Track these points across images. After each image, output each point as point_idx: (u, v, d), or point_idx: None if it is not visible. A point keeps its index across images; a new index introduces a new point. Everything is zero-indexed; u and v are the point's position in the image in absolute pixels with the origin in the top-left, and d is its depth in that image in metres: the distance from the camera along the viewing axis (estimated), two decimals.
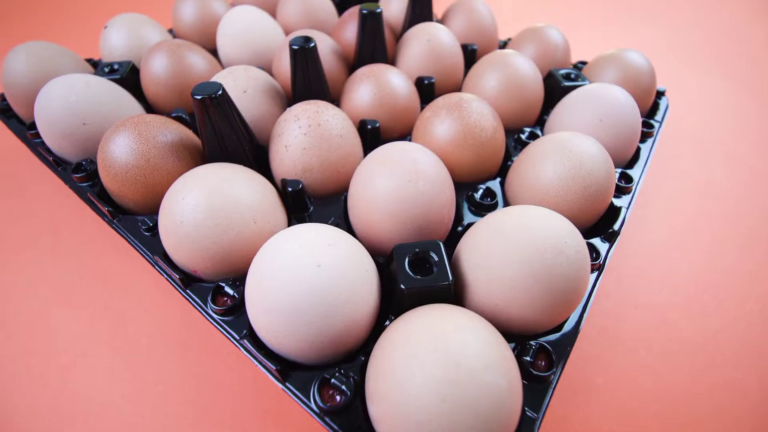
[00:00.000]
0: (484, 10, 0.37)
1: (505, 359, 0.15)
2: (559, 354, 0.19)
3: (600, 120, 0.26)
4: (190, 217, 0.19)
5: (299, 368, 0.18)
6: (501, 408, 0.14)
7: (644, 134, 0.30)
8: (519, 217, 0.18)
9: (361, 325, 0.18)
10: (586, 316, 0.21)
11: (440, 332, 0.15)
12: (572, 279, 0.17)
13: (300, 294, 0.16)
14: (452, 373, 0.14)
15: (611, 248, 0.23)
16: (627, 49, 0.32)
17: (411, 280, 0.18)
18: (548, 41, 0.34)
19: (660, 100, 0.34)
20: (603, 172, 0.22)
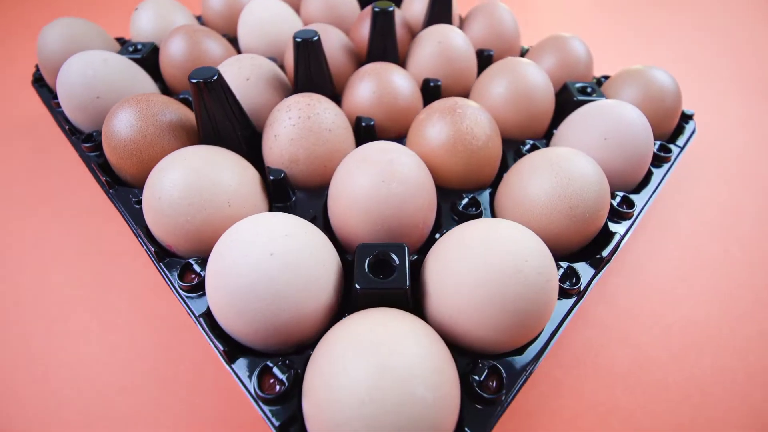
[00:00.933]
0: (507, 16, 0.36)
1: (439, 373, 0.14)
2: (513, 377, 0.18)
3: (605, 138, 0.25)
4: (167, 193, 0.20)
5: (248, 353, 0.18)
6: (422, 421, 0.13)
7: (659, 158, 0.28)
8: (484, 231, 0.18)
9: (312, 319, 0.18)
10: (554, 342, 0.20)
11: (378, 336, 0.15)
12: (530, 300, 0.16)
13: (248, 279, 0.16)
14: (378, 378, 0.13)
15: (597, 275, 0.22)
16: (652, 67, 0.30)
17: (367, 280, 0.18)
18: (569, 52, 0.33)
19: (686, 124, 0.31)
20: (593, 193, 0.21)
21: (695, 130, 0.32)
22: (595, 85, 0.30)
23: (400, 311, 0.17)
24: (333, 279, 0.19)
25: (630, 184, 0.26)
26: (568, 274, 0.21)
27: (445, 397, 0.14)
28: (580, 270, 0.22)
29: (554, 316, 0.20)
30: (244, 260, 0.16)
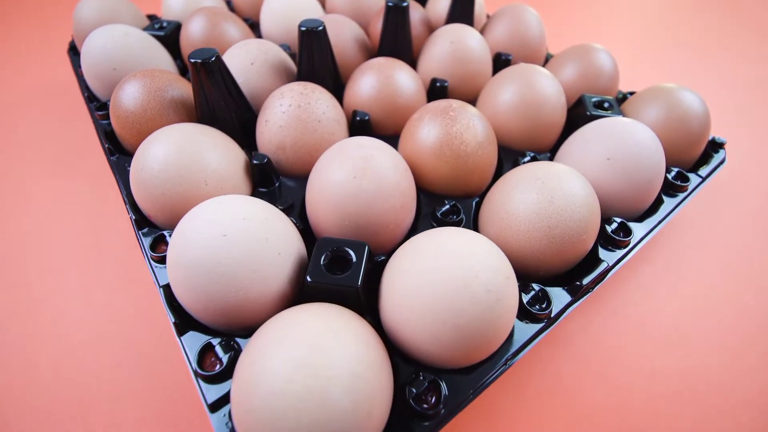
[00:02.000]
0: (533, 20, 0.34)
1: (361, 378, 0.14)
2: (455, 396, 0.17)
3: (608, 158, 0.23)
4: (148, 165, 0.21)
5: (199, 328, 0.19)
6: (332, 422, 0.13)
7: (673, 186, 0.26)
8: (442, 240, 0.17)
9: (260, 305, 0.18)
10: (511, 364, 0.19)
11: (308, 331, 0.15)
12: (475, 317, 0.16)
13: (199, 258, 0.17)
14: (293, 371, 0.13)
15: (574, 303, 0.21)
16: (681, 87, 0.27)
17: (319, 274, 0.18)
18: (592, 63, 0.31)
19: (714, 153, 0.29)
20: (577, 215, 0.20)
21: (725, 160, 0.29)
22: (614, 100, 0.28)
23: (344, 310, 0.17)
24: (289, 268, 0.19)
25: (633, 211, 0.24)
26: (539, 297, 0.20)
27: (365, 402, 0.14)
28: (555, 295, 0.20)
29: (516, 339, 0.19)
30: (198, 238, 0.17)
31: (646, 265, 0.28)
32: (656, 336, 0.24)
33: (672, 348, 0.24)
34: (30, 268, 0.27)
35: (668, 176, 0.26)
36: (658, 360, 0.23)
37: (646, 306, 0.26)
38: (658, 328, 0.25)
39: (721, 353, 0.23)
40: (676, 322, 0.25)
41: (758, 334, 0.24)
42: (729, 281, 0.27)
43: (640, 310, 0.25)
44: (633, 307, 0.26)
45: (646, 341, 0.24)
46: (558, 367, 0.23)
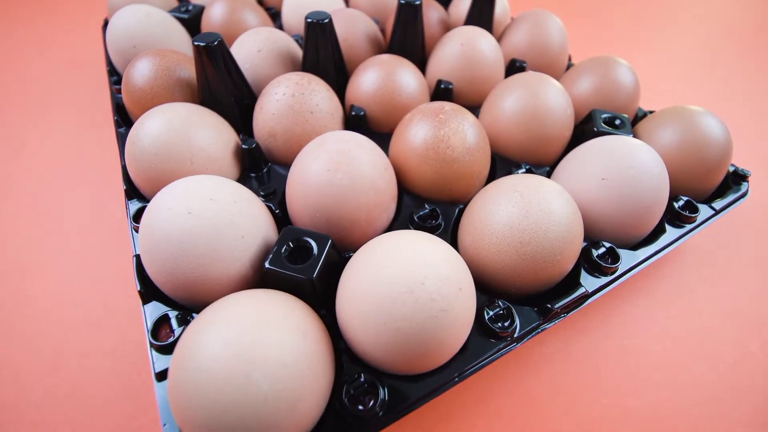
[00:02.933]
0: (554, 28, 0.33)
1: (287, 368, 0.14)
2: (397, 402, 0.17)
3: (602, 179, 0.22)
4: (140, 139, 0.22)
5: (162, 299, 0.20)
6: (249, 406, 0.13)
7: (679, 216, 0.24)
8: (401, 243, 0.17)
9: (220, 284, 0.18)
10: (459, 380, 0.18)
11: (247, 314, 0.15)
12: (416, 324, 0.15)
13: (164, 231, 0.17)
14: (221, 350, 0.14)
15: (543, 325, 0.20)
16: (704, 111, 0.25)
17: (277, 262, 0.18)
18: (611, 77, 0.29)
19: (735, 185, 0.26)
20: (553, 234, 0.19)
21: (747, 194, 0.26)
22: (627, 118, 0.27)
23: (291, 299, 0.17)
24: (252, 252, 0.19)
25: (628, 237, 0.23)
26: (503, 314, 0.19)
27: (287, 392, 0.14)
28: (522, 314, 0.20)
29: (473, 353, 0.18)
30: (166, 212, 0.18)
31: (642, 297, 0.26)
32: (638, 374, 0.23)
33: (653, 389, 0.22)
34: (34, 220, 0.29)
35: (675, 204, 0.24)
36: (635, 399, 0.22)
37: (632, 340, 0.24)
38: (642, 366, 0.23)
39: (709, 403, 0.22)
40: (663, 362, 0.23)
41: (758, 390, 0.22)
42: (733, 326, 0.25)
43: (624, 344, 0.24)
44: (617, 339, 0.24)
45: (626, 378, 0.23)
46: (525, 390, 0.22)
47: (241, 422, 0.14)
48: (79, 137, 0.36)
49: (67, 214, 0.30)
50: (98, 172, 0.33)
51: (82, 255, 0.28)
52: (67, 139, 0.36)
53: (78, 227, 0.29)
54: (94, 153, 0.34)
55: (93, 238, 0.28)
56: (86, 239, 0.28)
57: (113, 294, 0.25)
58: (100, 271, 0.27)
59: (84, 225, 0.29)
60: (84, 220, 0.30)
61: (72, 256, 0.28)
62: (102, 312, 0.25)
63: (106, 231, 0.29)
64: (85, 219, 0.30)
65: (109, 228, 0.29)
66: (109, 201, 0.31)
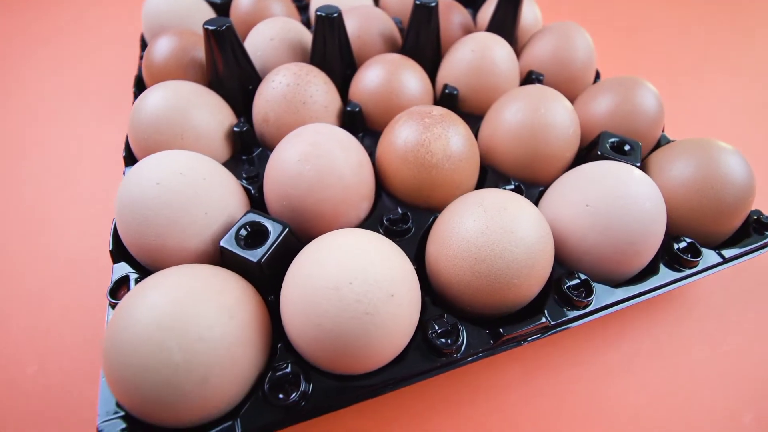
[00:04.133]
0: (580, 42, 0.31)
1: (202, 342, 0.15)
2: (321, 398, 0.17)
3: (587, 205, 0.20)
4: (140, 111, 0.24)
5: (131, 261, 0.21)
6: (160, 371, 0.14)
7: (678, 258, 0.22)
8: (346, 241, 0.17)
9: (178, 255, 0.19)
10: (390, 389, 0.18)
11: (177, 288, 0.16)
12: (338, 323, 0.15)
13: (132, 198, 0.19)
14: (143, 315, 0.15)
15: (491, 351, 0.19)
16: (727, 147, 0.23)
17: (230, 242, 0.19)
18: (631, 99, 0.27)
19: (757, 234, 0.23)
20: (510, 255, 0.18)
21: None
22: (638, 145, 0.25)
23: (236, 280, 0.18)
24: (214, 229, 0.20)
25: (610, 272, 0.21)
26: (449, 331, 0.19)
27: (199, 366, 0.15)
28: (472, 334, 0.19)
29: (409, 365, 0.18)
30: (138, 180, 0.19)
31: (626, 342, 0.24)
32: (600, 425, 0.21)
33: None
34: (42, 172, 0.33)
35: (675, 245, 0.22)
36: None
37: (602, 386, 0.22)
38: (607, 416, 0.21)
39: None
40: (635, 419, 0.21)
41: None
42: (727, 392, 0.22)
43: (590, 388, 0.22)
44: (584, 383, 0.22)
45: (586, 427, 0.21)
46: (470, 415, 0.21)
47: (151, 385, 0.14)
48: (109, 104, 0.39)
49: (76, 171, 0.33)
50: (113, 137, 0.35)
51: (91, 210, 0.30)
52: (98, 106, 0.39)
53: (91, 188, 0.32)
54: (115, 119, 0.37)
55: (88, 197, 0.31)
56: (95, 197, 0.31)
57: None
58: (100, 229, 0.29)
59: (96, 187, 0.32)
60: (97, 183, 0.32)
61: (84, 208, 0.30)
62: (95, 268, 0.27)
63: (103, 192, 0.31)
64: (99, 182, 0.32)
65: (108, 190, 0.31)
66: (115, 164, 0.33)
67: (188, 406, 0.15)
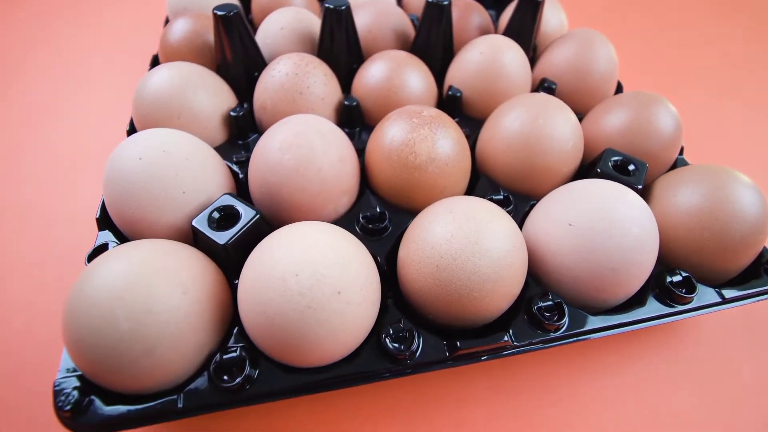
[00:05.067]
0: (602, 52, 0.29)
1: (150, 314, 0.15)
2: (266, 383, 0.17)
3: (570, 224, 0.19)
4: (143, 87, 0.25)
5: (116, 233, 0.22)
6: (105, 337, 0.15)
7: (669, 293, 0.20)
8: (302, 231, 0.17)
9: (154, 230, 0.20)
10: (337, 387, 0.18)
11: (137, 259, 0.16)
12: (280, 313, 0.15)
13: (116, 170, 0.20)
14: (99, 290, 0.15)
15: (446, 363, 0.18)
16: (745, 180, 0.21)
17: (201, 222, 0.19)
18: (646, 117, 0.25)
19: None
20: (472, 267, 0.17)
21: None
22: (644, 166, 0.23)
23: (199, 258, 0.18)
24: (191, 208, 0.21)
25: (589, 297, 0.20)
26: (404, 337, 0.18)
27: (146, 337, 0.15)
28: (427, 343, 0.18)
29: (357, 366, 0.18)
30: (123, 154, 0.20)
31: (605, 376, 0.22)
32: None
33: None
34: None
35: (668, 277, 0.20)
36: None
37: (569, 417, 0.21)
38: None
39: None
40: None
41: None
42: None
43: (558, 418, 0.21)
44: (553, 411, 0.21)
45: None
46: (421, 425, 0.21)
47: (98, 349, 0.15)
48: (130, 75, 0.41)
49: (82, 131, 0.36)
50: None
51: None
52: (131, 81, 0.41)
53: None
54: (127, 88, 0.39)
55: (87, 159, 0.33)
56: (81, 157, 0.34)
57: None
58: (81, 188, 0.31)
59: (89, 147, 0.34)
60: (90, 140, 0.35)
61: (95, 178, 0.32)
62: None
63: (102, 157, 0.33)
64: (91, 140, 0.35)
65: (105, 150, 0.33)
66: (111, 126, 0.34)
67: (133, 374, 0.16)
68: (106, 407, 0.16)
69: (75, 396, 0.16)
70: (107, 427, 0.16)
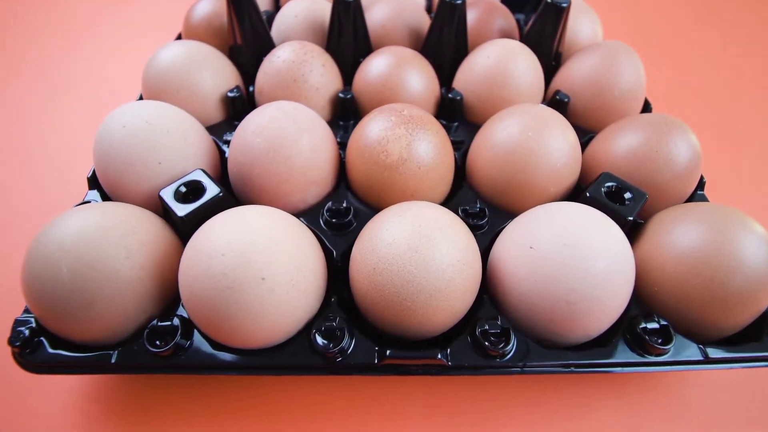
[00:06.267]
0: (627, 68, 0.27)
1: (92, 270, 0.16)
2: (192, 357, 0.18)
3: (531, 247, 0.18)
4: (150, 62, 0.27)
5: (101, 192, 0.24)
6: (49, 286, 0.16)
7: (639, 340, 0.18)
8: (250, 213, 0.18)
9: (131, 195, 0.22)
10: (251, 372, 0.18)
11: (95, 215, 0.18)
12: (204, 291, 0.16)
13: (101, 135, 0.21)
14: (55, 239, 0.17)
15: (372, 371, 0.18)
16: (752, 226, 0.18)
17: (168, 193, 0.20)
18: (657, 143, 0.23)
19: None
20: (408, 276, 0.17)
21: None
22: (643, 196, 0.21)
23: (160, 226, 0.20)
24: (164, 180, 0.22)
25: (544, 329, 0.18)
26: (334, 335, 0.18)
27: (84, 291, 0.16)
28: (358, 346, 0.18)
29: (285, 356, 0.18)
30: (111, 121, 0.21)
31: (562, 419, 0.21)
32: None
33: None
34: None
35: (642, 323, 0.18)
36: None
37: None
38: None
39: None
40: None
41: None
42: None
43: None
44: None
45: None
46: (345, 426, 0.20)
47: (41, 295, 0.17)
48: None
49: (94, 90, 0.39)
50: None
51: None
52: None
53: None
54: None
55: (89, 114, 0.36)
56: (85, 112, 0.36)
57: None
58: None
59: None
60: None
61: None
62: None
63: None
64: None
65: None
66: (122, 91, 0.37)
67: (72, 323, 0.17)
68: (51, 350, 0.18)
69: (26, 334, 0.18)
70: (47, 368, 0.18)
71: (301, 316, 0.18)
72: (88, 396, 0.21)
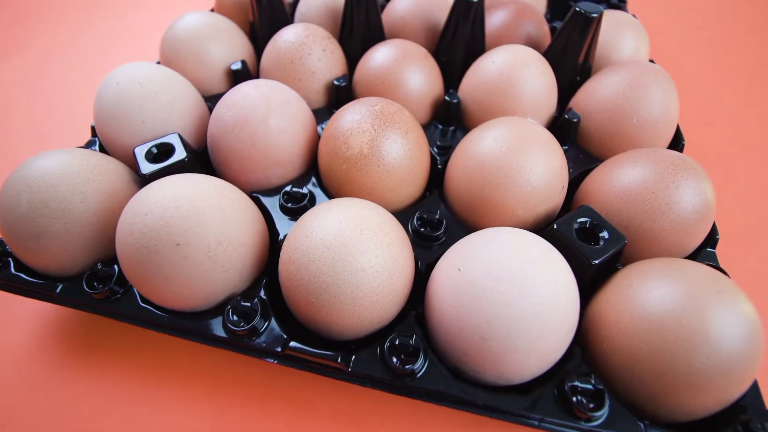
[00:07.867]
0: (656, 93, 0.24)
1: (44, 206, 0.18)
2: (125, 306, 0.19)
3: (459, 269, 0.17)
4: (168, 30, 0.29)
5: None
6: (8, 214, 0.18)
7: (567, 403, 0.16)
8: (174, 179, 0.18)
9: (117, 149, 0.24)
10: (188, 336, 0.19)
11: (59, 166, 0.19)
12: (126, 246, 0.17)
13: (100, 90, 0.23)
14: (23, 178, 0.19)
15: (280, 359, 0.18)
16: (737, 302, 0.15)
17: (141, 150, 0.22)
18: (658, 184, 0.20)
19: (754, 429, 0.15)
20: (317, 270, 0.16)
21: None
22: (622, 241, 0.18)
23: (123, 180, 0.21)
24: (145, 138, 0.23)
25: (459, 361, 0.17)
26: (246, 314, 0.18)
27: (35, 223, 0.18)
28: (267, 331, 0.18)
29: (201, 326, 0.19)
30: (110, 77, 0.23)
31: None
32: None
33: None
34: None
35: (573, 381, 0.16)
36: None
37: None
38: None
39: None
40: None
41: None
42: None
43: None
44: None
45: None
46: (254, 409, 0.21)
47: (4, 220, 0.19)
48: None
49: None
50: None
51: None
52: None
53: None
54: None
55: None
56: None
57: None
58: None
59: None
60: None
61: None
62: None
63: None
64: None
65: None
66: None
67: (25, 250, 0.19)
68: (14, 272, 0.20)
69: None
70: (8, 286, 0.20)
71: (217, 288, 0.18)
72: (48, 321, 0.23)
